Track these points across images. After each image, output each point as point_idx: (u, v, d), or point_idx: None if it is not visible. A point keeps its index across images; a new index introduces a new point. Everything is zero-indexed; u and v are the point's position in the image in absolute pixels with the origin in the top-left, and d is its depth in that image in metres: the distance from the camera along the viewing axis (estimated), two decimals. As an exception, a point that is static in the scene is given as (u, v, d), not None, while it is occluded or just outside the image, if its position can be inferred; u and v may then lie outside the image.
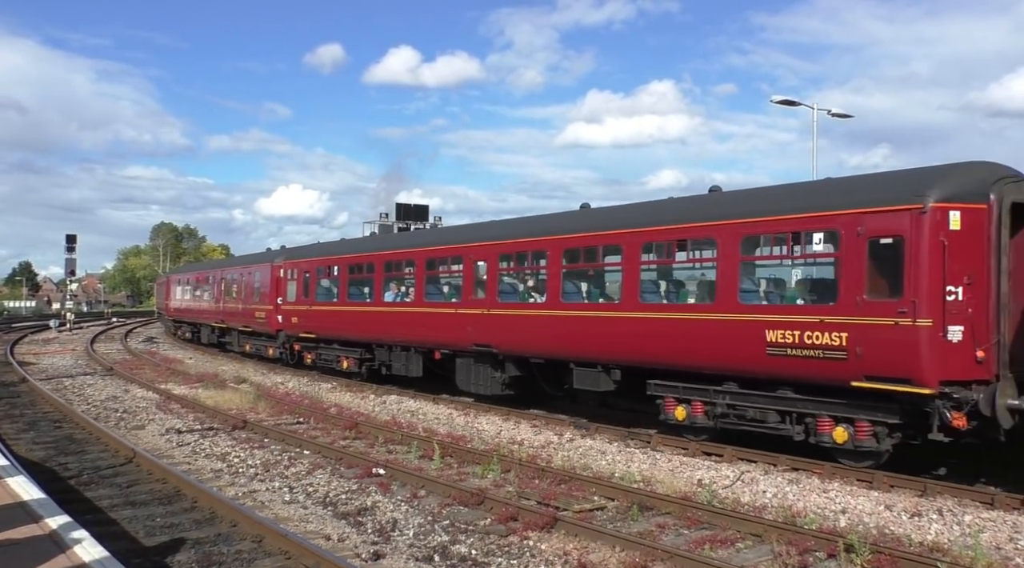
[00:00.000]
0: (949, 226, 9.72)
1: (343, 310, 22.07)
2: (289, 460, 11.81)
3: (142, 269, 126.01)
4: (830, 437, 10.51)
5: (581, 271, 14.97)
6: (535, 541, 7.96)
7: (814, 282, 11.61)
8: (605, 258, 14.30)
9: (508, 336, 15.72)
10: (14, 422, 15.21)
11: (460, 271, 17.53)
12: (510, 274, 16.69)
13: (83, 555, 5.27)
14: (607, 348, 13.61)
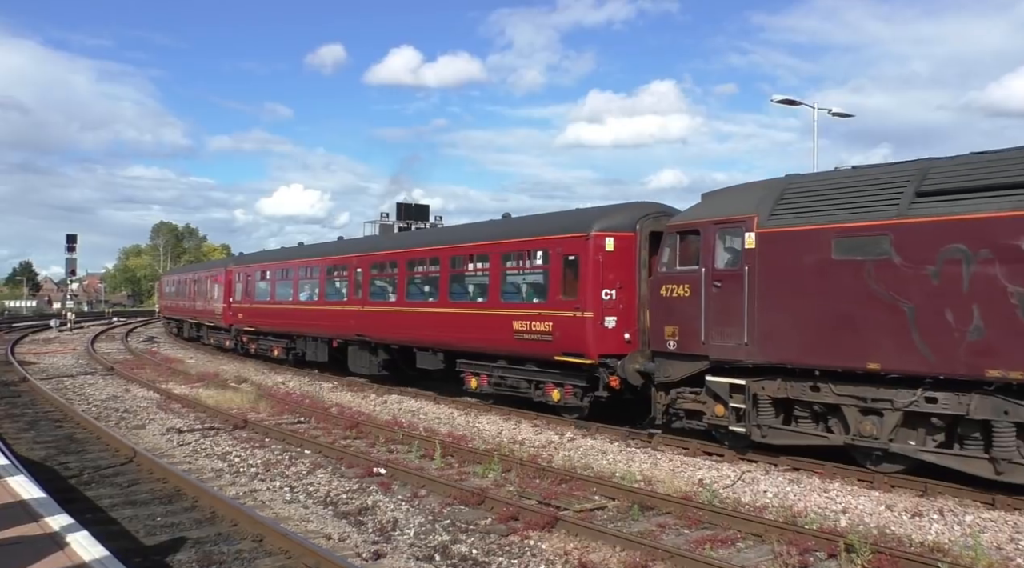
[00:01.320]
0: (605, 248, 13.61)
1: (272, 307, 26.68)
2: (290, 460, 11.81)
3: (143, 269, 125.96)
4: (550, 397, 14.59)
5: (418, 277, 18.99)
6: (536, 541, 7.95)
7: (536, 286, 15.32)
8: (430, 267, 18.42)
9: (376, 328, 19.92)
10: (15, 421, 15.21)
11: (347, 276, 21.77)
12: (378, 279, 20.67)
13: (83, 554, 5.27)
14: (433, 336, 17.76)
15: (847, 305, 10.14)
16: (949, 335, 9.20)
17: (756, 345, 11.03)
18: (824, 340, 10.35)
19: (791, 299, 10.75)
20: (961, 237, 9.15)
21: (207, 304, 33.62)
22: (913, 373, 9.64)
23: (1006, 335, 8.71)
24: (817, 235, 10.50)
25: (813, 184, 11.27)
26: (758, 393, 11.15)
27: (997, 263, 8.82)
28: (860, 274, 10.03)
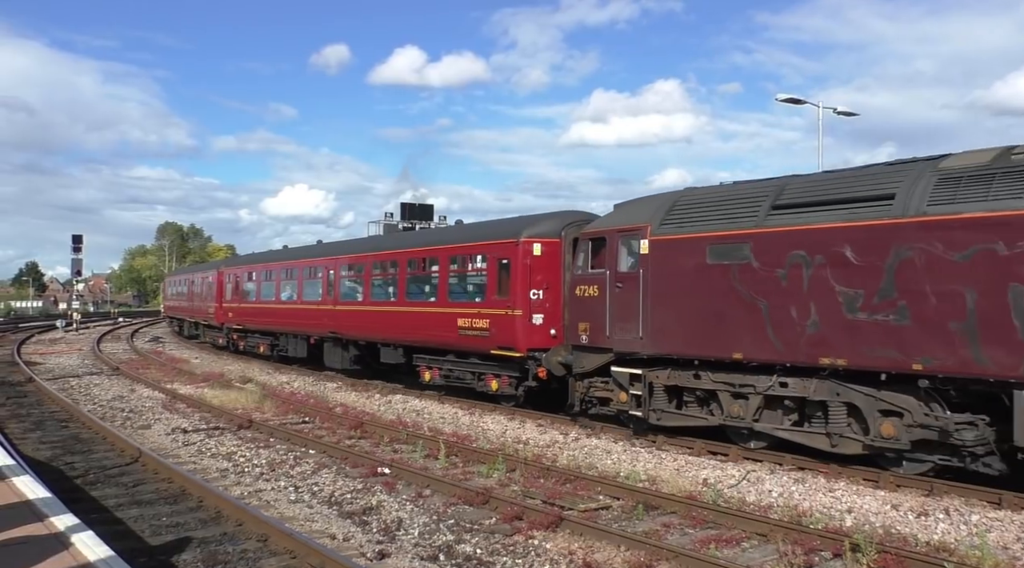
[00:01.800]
0: (533, 253, 15.09)
1: (258, 307, 28.46)
2: (295, 459, 11.82)
3: (148, 269, 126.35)
4: (490, 387, 16.05)
5: (381, 279, 20.47)
6: (540, 540, 7.95)
7: (476, 287, 16.69)
8: (390, 270, 20.01)
9: (346, 326, 21.61)
10: (21, 421, 15.26)
11: (321, 277, 23.45)
12: (347, 280, 22.33)
13: (88, 554, 5.28)
14: (393, 333, 19.43)
15: (718, 303, 11.62)
16: (793, 329, 10.70)
17: (649, 339, 12.59)
18: (701, 334, 11.89)
19: (676, 298, 12.27)
20: (802, 245, 10.65)
21: (202, 304, 35.38)
22: (768, 362, 11.10)
23: (834, 328, 10.28)
24: (696, 242, 12.03)
25: (698, 197, 12.79)
26: (653, 381, 12.71)
27: (828, 267, 10.36)
28: (727, 276, 11.50)
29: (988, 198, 9.12)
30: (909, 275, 9.61)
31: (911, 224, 9.66)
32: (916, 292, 9.55)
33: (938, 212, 9.45)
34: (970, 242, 9.13)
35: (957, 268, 9.23)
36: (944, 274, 9.32)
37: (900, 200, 9.86)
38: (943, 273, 9.34)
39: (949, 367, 9.29)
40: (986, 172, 9.39)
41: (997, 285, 8.91)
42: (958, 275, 9.21)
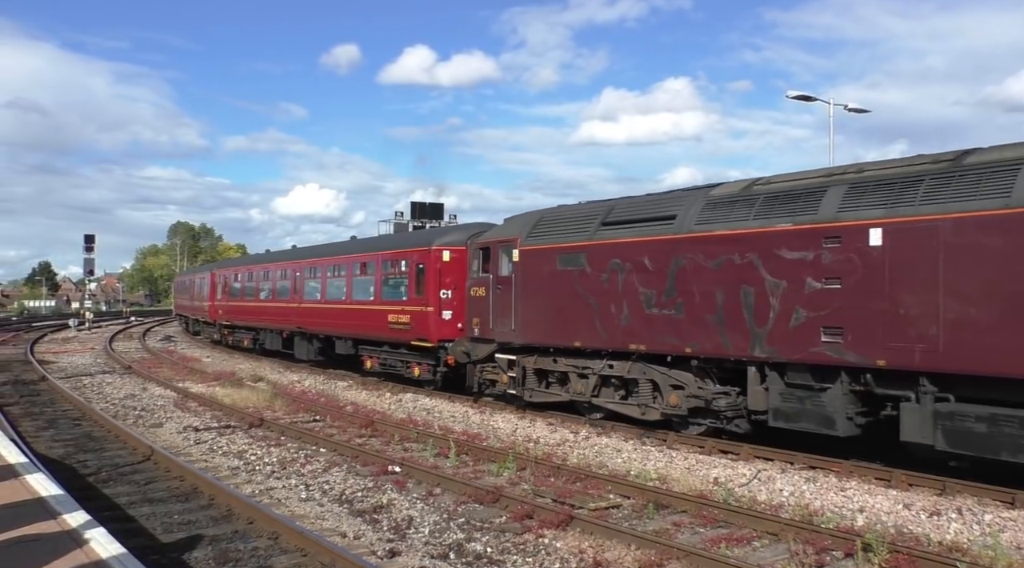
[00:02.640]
0: (443, 259, 17.89)
1: (242, 305, 31.67)
2: (305, 458, 11.86)
3: (160, 268, 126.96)
4: (413, 373, 18.91)
5: (334, 280, 23.23)
6: (550, 539, 7.94)
7: (401, 287, 19.54)
8: (340, 272, 22.90)
9: (309, 322, 24.54)
10: (34, 420, 15.36)
11: (289, 279, 26.57)
12: (309, 281, 25.11)
13: (101, 552, 5.31)
14: (344, 327, 22.24)
15: (565, 302, 14.25)
16: (613, 321, 13.28)
17: (520, 331, 15.29)
18: (554, 327, 14.55)
19: (537, 298, 14.93)
20: (618, 254, 13.24)
21: (200, 303, 38.37)
22: (598, 348, 13.71)
23: (639, 321, 12.87)
24: (550, 252, 14.70)
25: (555, 214, 15.42)
26: (525, 366, 15.42)
27: (634, 272, 12.92)
28: (571, 280, 14.12)
29: (730, 220, 11.63)
30: (683, 279, 12.18)
31: (685, 239, 12.22)
32: (687, 292, 12.09)
33: (701, 230, 12.02)
34: (719, 253, 11.64)
35: (712, 273, 11.72)
36: (704, 278, 11.84)
37: (679, 220, 12.45)
38: (704, 277, 11.85)
39: (708, 350, 11.84)
40: (733, 199, 11.88)
41: (735, 286, 11.38)
42: (713, 279, 11.70)
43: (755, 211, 11.42)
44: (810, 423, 10.63)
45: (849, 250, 10.15)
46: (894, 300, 9.68)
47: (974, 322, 9.03)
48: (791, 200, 11.09)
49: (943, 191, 9.50)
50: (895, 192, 9.94)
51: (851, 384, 10.32)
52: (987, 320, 8.94)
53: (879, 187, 10.17)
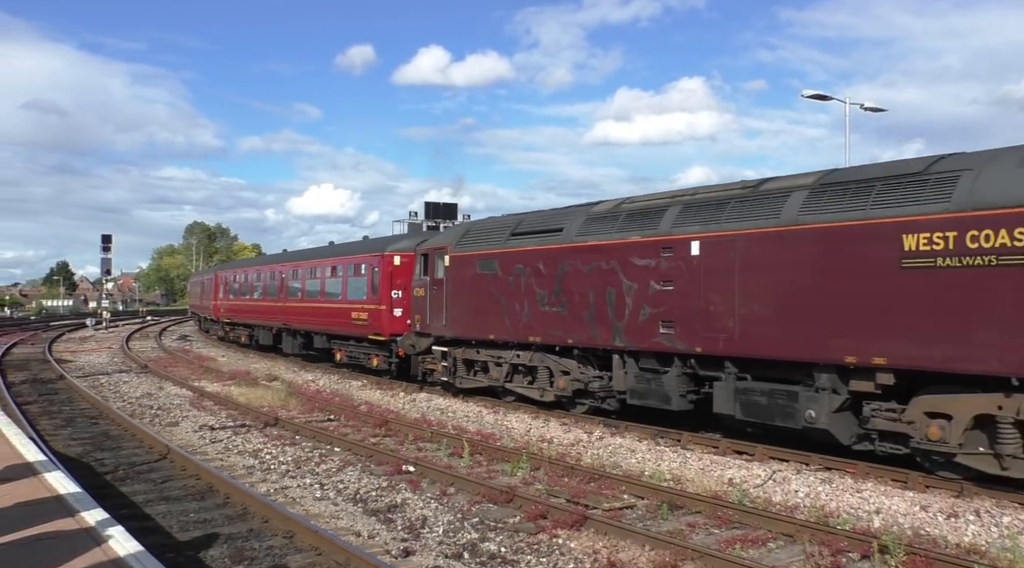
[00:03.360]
0: (395, 263, 20.41)
1: (239, 303, 34.30)
2: (320, 457, 11.90)
3: (176, 268, 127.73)
4: (372, 363, 21.44)
5: (312, 281, 25.95)
6: (564, 539, 7.94)
7: (362, 288, 21.93)
8: (316, 274, 25.56)
9: (292, 319, 27.30)
10: (52, 418, 15.50)
11: (276, 280, 29.13)
12: (292, 282, 27.70)
13: (118, 549, 5.35)
14: (319, 324, 24.86)
15: (483, 301, 16.44)
16: (517, 317, 15.51)
17: (450, 326, 17.56)
18: (476, 322, 16.76)
19: (463, 298, 17.17)
20: (522, 260, 15.54)
21: (208, 302, 41.28)
22: (508, 340, 15.97)
23: (535, 317, 15.10)
24: (472, 258, 16.96)
25: (479, 225, 18.05)
26: (455, 356, 17.75)
27: (532, 276, 15.17)
28: (487, 282, 16.34)
29: (601, 233, 13.87)
30: (567, 282, 14.41)
31: (568, 248, 14.52)
32: (570, 293, 14.32)
33: (580, 240, 14.27)
34: (592, 260, 13.91)
35: (587, 277, 13.96)
36: (581, 281, 14.06)
37: (565, 232, 14.72)
38: (581, 280, 14.07)
39: (584, 341, 14.12)
40: (604, 216, 14.14)
41: (602, 288, 13.61)
42: (587, 282, 13.94)
43: (618, 226, 13.64)
44: (655, 400, 12.90)
45: (678, 258, 12.38)
46: (707, 299, 11.91)
47: (758, 317, 11.22)
48: (643, 217, 13.27)
49: (740, 212, 11.67)
50: (710, 212, 12.12)
51: (682, 367, 12.60)
52: (766, 315, 11.12)
53: (701, 208, 12.34)
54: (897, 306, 9.73)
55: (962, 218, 9.18)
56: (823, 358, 10.50)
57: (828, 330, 10.41)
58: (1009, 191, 8.88)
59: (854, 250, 10.22)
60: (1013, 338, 8.72)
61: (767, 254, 11.16)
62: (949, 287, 9.29)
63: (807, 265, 10.71)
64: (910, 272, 9.63)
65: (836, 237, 10.43)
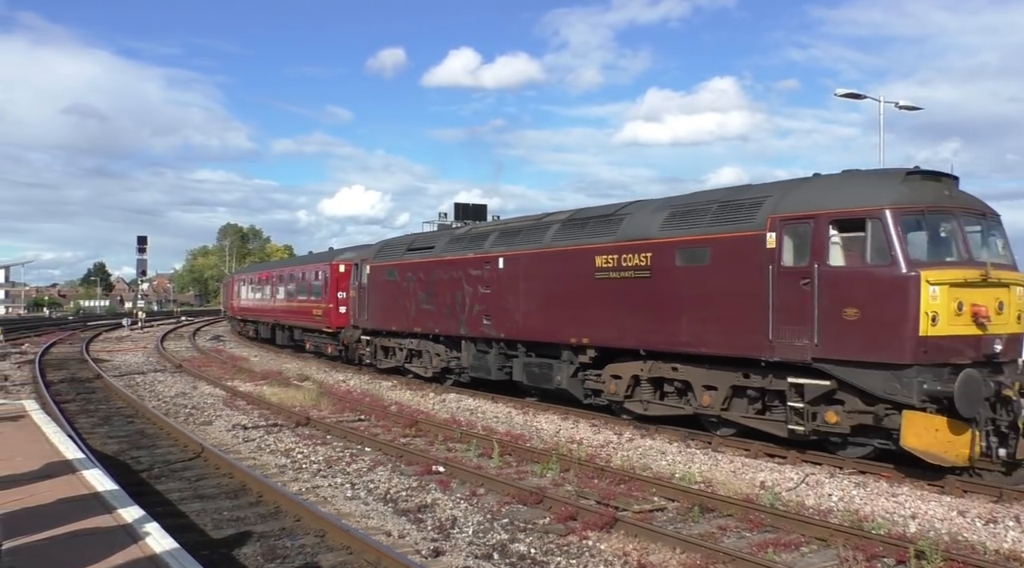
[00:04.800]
0: (340, 270, 25.66)
1: (246, 303, 40.79)
2: (351, 457, 11.98)
3: (210, 269, 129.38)
4: (327, 351, 26.97)
5: (291, 284, 31.80)
6: (594, 541, 7.91)
7: (320, 290, 27.65)
8: (295, 278, 31.05)
9: (280, 315, 33.33)
10: (90, 417, 15.78)
11: (270, 283, 35.28)
12: (279, 285, 33.59)
13: (155, 546, 5.44)
14: (296, 320, 30.71)
15: (388, 300, 21.65)
16: (407, 312, 20.54)
17: (370, 320, 22.80)
18: (385, 317, 21.92)
19: (377, 298, 22.45)
20: (410, 270, 20.62)
21: (229, 302, 48.69)
22: (403, 330, 21.12)
23: (419, 313, 20.03)
24: (383, 267, 22.24)
25: (392, 242, 23.46)
26: (376, 344, 22.95)
27: (416, 281, 20.16)
28: (391, 286, 21.56)
29: (456, 250, 19.01)
30: (436, 286, 19.26)
31: (436, 261, 19.57)
32: (438, 295, 19.15)
33: (443, 255, 19.39)
34: (449, 270, 18.81)
35: (446, 283, 18.82)
36: (444, 286, 18.90)
37: (436, 249, 19.93)
38: (443, 285, 18.92)
39: (445, 331, 19.08)
40: (460, 237, 19.51)
41: (454, 291, 18.49)
42: (446, 287, 18.82)
43: (463, 245, 18.79)
44: (482, 373, 17.89)
45: (493, 270, 17.24)
46: (507, 299, 16.77)
47: (532, 311, 16.07)
48: (477, 239, 18.43)
49: (526, 237, 16.64)
50: (510, 237, 17.20)
51: (499, 347, 17.43)
52: (535, 310, 15.98)
53: (506, 234, 17.44)
54: (592, 303, 14.49)
55: (620, 246, 13.90)
56: (563, 340, 15.22)
57: (565, 320, 15.11)
58: (640, 230, 13.63)
59: (575, 265, 14.85)
60: (639, 324, 13.45)
61: (536, 268, 16.01)
62: (615, 291, 13.96)
63: (554, 275, 15.48)
64: (599, 281, 14.29)
65: (567, 256, 15.20)
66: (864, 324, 10.29)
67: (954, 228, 10.62)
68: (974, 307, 10.16)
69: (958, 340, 10.09)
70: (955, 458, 9.71)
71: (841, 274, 10.63)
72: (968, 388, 9.48)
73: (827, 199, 11.07)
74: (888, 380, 10.13)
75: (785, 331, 11.06)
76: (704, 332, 12.33)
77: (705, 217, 12.61)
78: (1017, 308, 10.72)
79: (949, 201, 10.81)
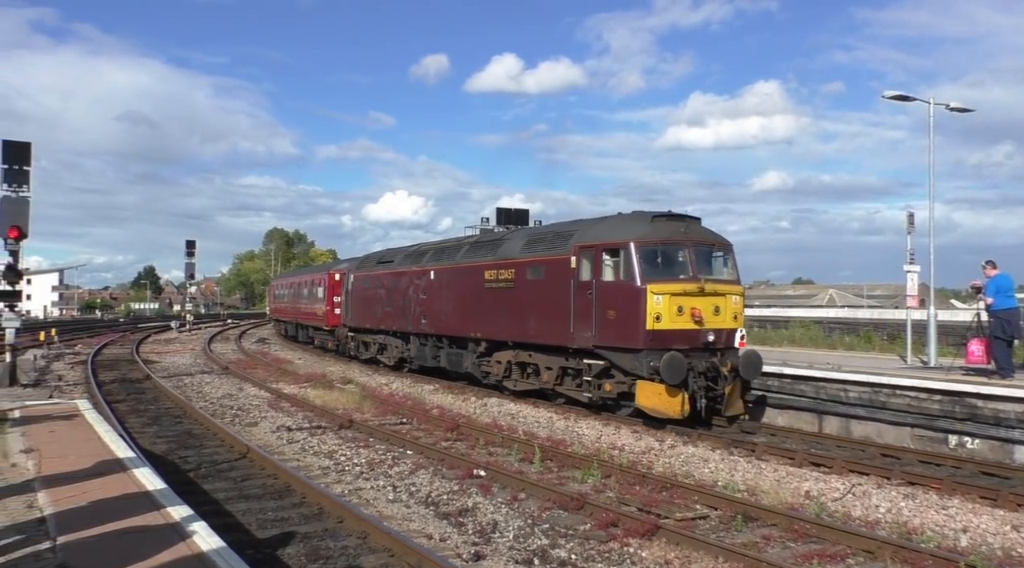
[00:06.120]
0: (335, 279, 31.41)
1: (278, 306, 47.87)
2: (393, 459, 12.07)
3: (255, 273, 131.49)
4: (328, 345, 33.27)
5: (304, 289, 37.75)
6: (636, 548, 7.86)
7: (319, 295, 33.45)
8: (307, 285, 37.17)
9: (300, 316, 38.58)
10: (140, 417, 16.13)
11: (294, 287, 41.44)
12: (300, 289, 39.08)
13: (202, 544, 5.54)
14: (306, 320, 37.01)
15: (364, 304, 27.19)
16: (376, 314, 25.95)
17: (352, 320, 28.59)
18: (362, 317, 27.36)
19: (357, 302, 28.17)
20: (379, 280, 26.05)
21: (271, 304, 54.95)
22: (375, 328, 26.36)
23: (383, 314, 25.46)
24: (361, 276, 27.85)
25: (369, 257, 29.39)
26: (359, 339, 28.41)
27: (383, 288, 25.55)
28: (366, 292, 27.14)
29: (405, 264, 24.23)
30: (394, 292, 24.36)
31: (393, 272, 24.65)
32: (394, 299, 24.42)
33: (398, 268, 24.60)
34: (400, 280, 24.02)
35: (400, 290, 23.96)
36: (397, 293, 24.19)
37: (395, 263, 24.95)
38: (397, 292, 24.18)
39: (398, 328, 24.35)
40: (409, 253, 24.97)
41: (403, 296, 23.67)
42: (399, 293, 23.95)
43: (411, 260, 24.08)
44: (423, 362, 22.92)
45: (428, 280, 22.24)
46: (438, 303, 21.59)
47: (450, 312, 20.93)
48: (418, 256, 23.89)
49: (447, 256, 21.73)
50: (438, 254, 22.43)
51: (433, 341, 22.30)
52: (451, 311, 20.83)
53: (437, 252, 22.70)
54: (482, 307, 19.23)
55: (497, 264, 18.67)
56: (467, 334, 20.09)
57: (468, 320, 19.98)
58: (509, 252, 18.47)
59: (473, 278, 19.64)
60: (508, 322, 18.01)
61: (451, 279, 21.02)
62: (495, 298, 18.64)
63: (462, 286, 20.34)
64: (487, 290, 18.97)
65: (469, 271, 19.95)
66: (618, 321, 14.58)
67: (685, 255, 14.66)
68: (692, 310, 14.21)
69: (677, 333, 14.15)
70: (672, 413, 13.76)
71: (608, 286, 14.90)
72: (670, 365, 13.44)
73: (603, 234, 15.49)
74: (632, 360, 14.35)
75: (579, 326, 15.41)
76: (541, 328, 16.77)
77: (543, 244, 17.22)
78: (732, 311, 14.75)
79: (682, 236, 14.87)
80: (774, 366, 16.72)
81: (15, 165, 17.84)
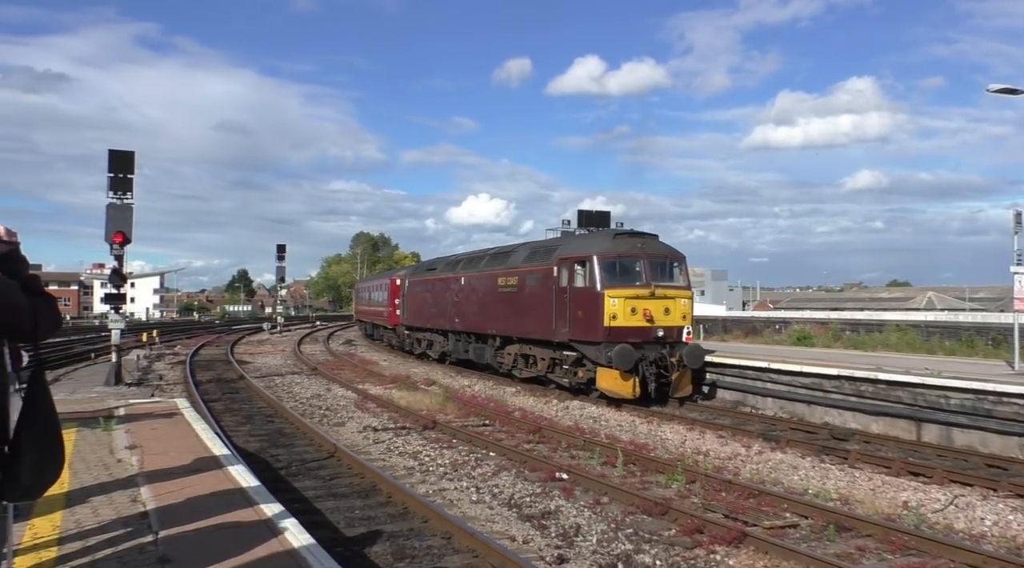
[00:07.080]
0: (396, 283, 36.48)
1: (359, 307, 53.06)
2: (476, 461, 12.15)
3: (342, 276, 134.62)
4: (384, 339, 41.22)
5: (372, 292, 44.73)
6: (722, 556, 7.69)
7: (386, 297, 38.48)
8: (374, 287, 44.59)
9: (372, 317, 44.10)
10: (234, 415, 16.72)
11: (366, 291, 48.65)
12: (370, 292, 46.19)
13: (293, 541, 5.69)
14: (375, 319, 43.08)
15: (418, 305, 32.00)
16: (428, 314, 30.64)
17: (408, 319, 33.59)
18: (417, 317, 32.25)
19: (411, 304, 33.31)
20: (427, 284, 31.07)
21: (360, 307, 57.77)
22: (425, 327, 31.26)
23: (430, 314, 30.34)
24: (415, 282, 33.12)
25: (421, 265, 37.94)
26: (413, 336, 33.07)
27: (429, 292, 30.67)
28: (418, 295, 32.11)
29: (445, 272, 29.42)
30: (437, 295, 29.18)
31: (437, 278, 29.65)
32: (438, 301, 28.96)
33: (440, 275, 29.57)
34: (442, 285, 29.00)
35: (441, 293, 28.93)
36: (440, 296, 29.20)
37: (438, 270, 30.37)
38: (439, 295, 29.23)
39: (441, 327, 29.10)
40: (449, 262, 30.19)
41: (443, 299, 28.69)
42: (441, 296, 28.92)
43: (450, 268, 28.20)
44: (457, 354, 26.90)
45: (460, 285, 26.44)
46: (467, 305, 25.62)
47: (474, 313, 25.11)
48: (454, 265, 27.98)
49: (474, 265, 26.03)
50: (466, 264, 27.01)
51: (464, 338, 26.12)
52: (476, 312, 24.98)
53: (468, 262, 26.93)
54: (496, 308, 23.18)
55: (506, 271, 22.82)
56: (486, 331, 24.06)
57: (486, 319, 24.04)
58: (515, 261, 22.62)
59: (490, 284, 23.79)
60: (514, 321, 22.05)
61: (476, 284, 25.04)
62: (504, 300, 22.62)
63: (483, 290, 24.38)
64: (499, 294, 22.92)
65: (488, 278, 24.08)
66: (585, 319, 18.40)
67: (641, 265, 18.36)
68: (644, 310, 17.90)
69: (631, 329, 17.79)
70: (625, 394, 17.37)
71: (577, 291, 18.78)
72: (620, 354, 17.06)
73: (576, 248, 19.79)
74: (594, 351, 18.05)
75: (559, 324, 19.34)
76: (535, 325, 20.69)
77: (538, 256, 21.42)
78: (681, 311, 18.35)
79: (639, 250, 18.58)
80: (865, 370, 16.13)
81: (120, 173, 18.71)
